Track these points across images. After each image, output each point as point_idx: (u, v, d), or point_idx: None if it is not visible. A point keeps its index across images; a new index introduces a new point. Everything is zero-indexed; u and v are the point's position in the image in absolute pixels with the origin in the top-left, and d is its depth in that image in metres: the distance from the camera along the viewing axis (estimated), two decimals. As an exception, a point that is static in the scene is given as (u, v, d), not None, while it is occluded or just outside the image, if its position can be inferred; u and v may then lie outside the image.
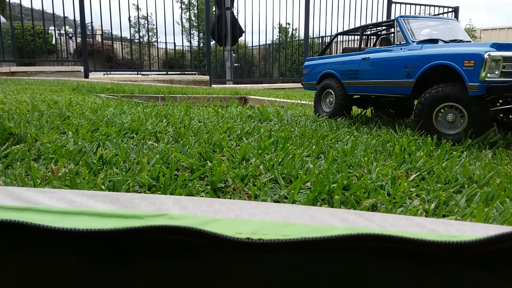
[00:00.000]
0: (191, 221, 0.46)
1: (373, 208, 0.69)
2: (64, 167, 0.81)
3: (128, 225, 0.37)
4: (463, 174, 0.88)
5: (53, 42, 9.16)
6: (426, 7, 7.51)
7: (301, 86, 2.42)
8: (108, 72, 6.83)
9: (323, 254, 0.36)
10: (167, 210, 0.50)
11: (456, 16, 7.40)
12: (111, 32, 6.37)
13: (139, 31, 6.40)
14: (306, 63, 2.62)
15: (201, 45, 7.88)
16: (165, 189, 0.69)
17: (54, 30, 7.29)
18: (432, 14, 7.58)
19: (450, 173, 0.88)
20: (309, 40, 7.00)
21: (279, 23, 10.48)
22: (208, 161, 0.89)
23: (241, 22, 6.79)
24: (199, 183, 0.75)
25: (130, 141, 1.08)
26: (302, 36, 6.83)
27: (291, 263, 0.37)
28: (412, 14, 7.40)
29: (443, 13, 7.53)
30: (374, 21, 7.20)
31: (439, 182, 0.85)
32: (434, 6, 7.44)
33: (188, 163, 0.85)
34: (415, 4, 7.26)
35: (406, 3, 7.14)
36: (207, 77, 6.03)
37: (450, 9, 7.45)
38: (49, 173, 0.77)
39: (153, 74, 6.50)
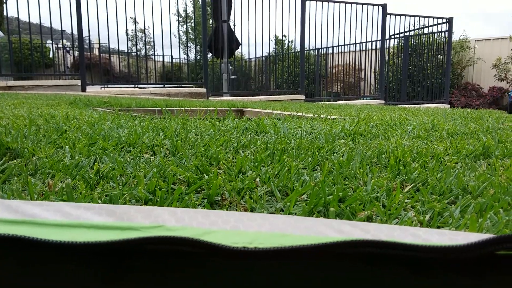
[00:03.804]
0: (187, 233, 0.47)
1: (369, 219, 0.70)
2: (61, 181, 0.82)
3: (124, 237, 0.38)
4: (457, 185, 0.89)
5: (51, 56, 9.21)
6: (420, 18, 7.60)
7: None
8: (106, 86, 6.86)
9: (317, 261, 0.37)
10: (163, 222, 0.50)
11: (450, 28, 7.49)
12: (109, 45, 6.41)
13: (136, 44, 6.46)
14: None
15: (198, 57, 7.94)
16: (162, 202, 0.70)
17: (52, 44, 7.33)
18: (427, 25, 7.68)
19: (444, 184, 0.89)
20: (305, 52, 7.06)
21: (275, 35, 10.59)
22: (204, 174, 0.90)
23: (237, 34, 6.86)
24: (196, 196, 0.76)
25: (127, 155, 1.08)
26: (298, 48, 6.89)
27: (287, 271, 0.37)
28: (407, 25, 7.49)
29: (437, 24, 7.62)
30: (369, 32, 7.29)
31: (434, 193, 0.86)
32: (429, 17, 7.54)
33: (184, 177, 0.86)
34: (410, 16, 7.35)
35: (400, 15, 7.22)
36: (204, 90, 6.06)
37: (444, 20, 7.53)
38: (46, 188, 0.78)
39: (150, 87, 6.53)
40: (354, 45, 7.71)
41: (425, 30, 7.78)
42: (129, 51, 6.52)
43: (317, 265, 0.37)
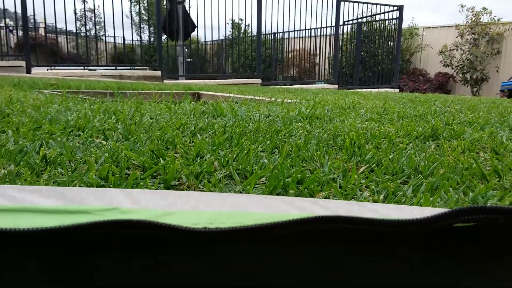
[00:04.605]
0: (144, 215, 0.45)
1: (326, 200, 0.71)
2: (4, 168, 0.76)
3: (75, 221, 0.36)
4: (409, 166, 0.92)
5: (-10, 35, 8.54)
6: (373, 5, 7.78)
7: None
8: (52, 67, 6.49)
9: (279, 239, 0.36)
10: (118, 204, 0.48)
11: (401, 15, 7.73)
12: (55, 25, 6.03)
13: (85, 24, 6.13)
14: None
15: (152, 39, 7.69)
16: (115, 188, 0.66)
17: (-9, 22, 6.79)
18: (378, 12, 7.87)
19: (397, 165, 0.92)
20: (262, 36, 7.03)
21: (232, 18, 10.45)
22: (160, 158, 0.87)
23: (193, 16, 6.70)
24: (152, 181, 0.73)
25: (76, 139, 1.03)
26: (254, 32, 6.85)
27: (251, 250, 0.36)
28: (360, 12, 7.65)
29: (388, 12, 7.84)
30: (324, 18, 7.37)
31: (387, 173, 0.88)
32: (380, 4, 7.73)
33: (139, 161, 0.83)
34: (362, 3, 7.50)
35: (353, 1, 7.36)
36: (158, 73, 5.90)
37: (395, 8, 7.76)
38: (-14, 175, 0.72)
39: (101, 69, 6.25)
40: (309, 30, 7.77)
41: (377, 17, 7.99)
42: (77, 31, 6.19)
43: (280, 243, 0.36)
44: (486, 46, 9.59)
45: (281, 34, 8.21)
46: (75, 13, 5.61)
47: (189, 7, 6.85)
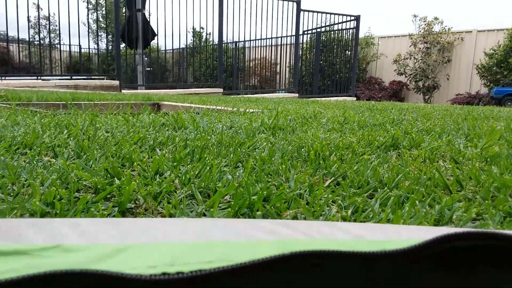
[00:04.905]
0: (91, 254, 0.39)
1: (294, 219, 0.67)
2: None
3: (5, 267, 0.30)
4: (374, 178, 0.91)
5: None
6: (331, 15, 7.97)
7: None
8: (3, 78, 6.14)
9: (253, 278, 0.32)
10: (63, 238, 0.42)
11: (358, 25, 7.97)
12: (7, 33, 5.72)
13: (39, 33, 5.85)
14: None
15: (110, 48, 7.46)
16: (62, 216, 0.60)
17: None
18: (337, 22, 8.08)
19: (362, 177, 0.90)
20: (223, 45, 7.01)
21: (193, 27, 10.37)
22: (115, 178, 0.81)
23: (153, 24, 6.57)
24: (105, 205, 0.67)
25: (21, 158, 0.94)
26: (216, 41, 6.82)
27: None
28: (318, 22, 7.82)
29: (346, 22, 8.06)
30: (285, 28, 7.47)
31: (353, 186, 0.87)
32: (339, 14, 7.94)
33: (91, 182, 0.76)
34: (321, 12, 7.68)
35: (313, 11, 7.51)
36: (116, 82, 5.72)
37: (352, 18, 7.98)
38: None
39: (55, 79, 5.98)
40: (270, 39, 7.85)
41: (335, 27, 8.19)
42: (30, 39, 5.91)
43: (251, 281, 0.32)
44: (437, 54, 10.05)
45: (242, 43, 8.23)
46: (29, 21, 5.34)
47: (149, 15, 6.73)
